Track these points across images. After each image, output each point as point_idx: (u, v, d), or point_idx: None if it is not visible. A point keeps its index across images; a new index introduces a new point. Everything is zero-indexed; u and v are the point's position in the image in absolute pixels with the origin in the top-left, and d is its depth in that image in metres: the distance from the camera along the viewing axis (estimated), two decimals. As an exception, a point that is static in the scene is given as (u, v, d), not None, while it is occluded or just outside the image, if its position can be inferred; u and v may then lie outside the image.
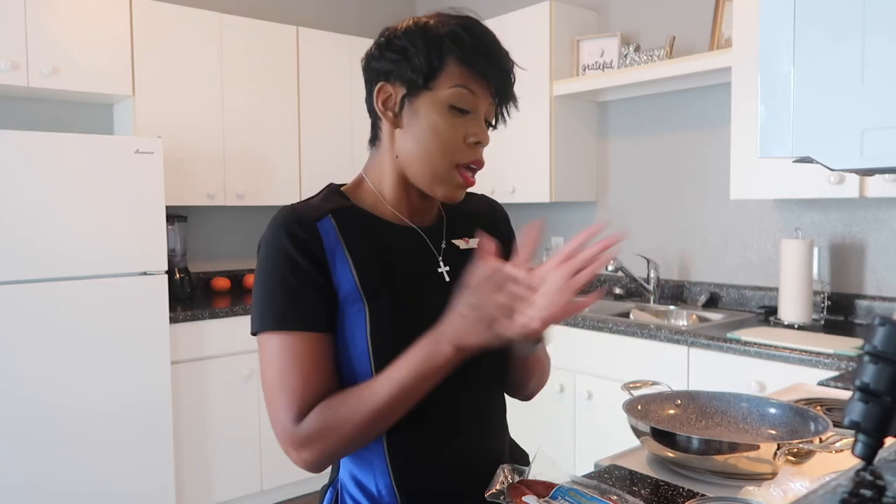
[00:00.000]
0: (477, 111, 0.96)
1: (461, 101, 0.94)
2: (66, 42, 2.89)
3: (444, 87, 0.94)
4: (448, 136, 0.95)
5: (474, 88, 0.95)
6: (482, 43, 0.95)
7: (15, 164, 2.52)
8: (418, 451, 0.99)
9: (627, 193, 3.27)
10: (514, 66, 1.00)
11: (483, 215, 1.14)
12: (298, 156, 3.56)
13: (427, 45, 0.94)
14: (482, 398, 1.06)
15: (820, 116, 0.63)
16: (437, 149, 0.95)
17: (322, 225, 0.95)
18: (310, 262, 0.93)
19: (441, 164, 0.96)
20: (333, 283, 0.94)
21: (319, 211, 0.97)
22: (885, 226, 2.46)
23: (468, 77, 0.94)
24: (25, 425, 2.54)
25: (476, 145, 0.97)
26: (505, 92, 0.98)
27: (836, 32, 0.61)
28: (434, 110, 0.95)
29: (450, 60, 0.94)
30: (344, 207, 0.99)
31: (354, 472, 1.00)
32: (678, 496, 1.01)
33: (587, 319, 2.68)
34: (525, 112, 3.25)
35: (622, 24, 3.22)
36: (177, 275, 3.27)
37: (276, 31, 3.46)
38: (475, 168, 0.99)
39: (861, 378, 0.62)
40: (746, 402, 1.22)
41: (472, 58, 0.94)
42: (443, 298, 0.97)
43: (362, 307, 0.94)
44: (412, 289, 0.99)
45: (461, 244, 1.06)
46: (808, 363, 2.02)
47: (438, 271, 1.02)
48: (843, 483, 0.58)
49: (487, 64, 0.95)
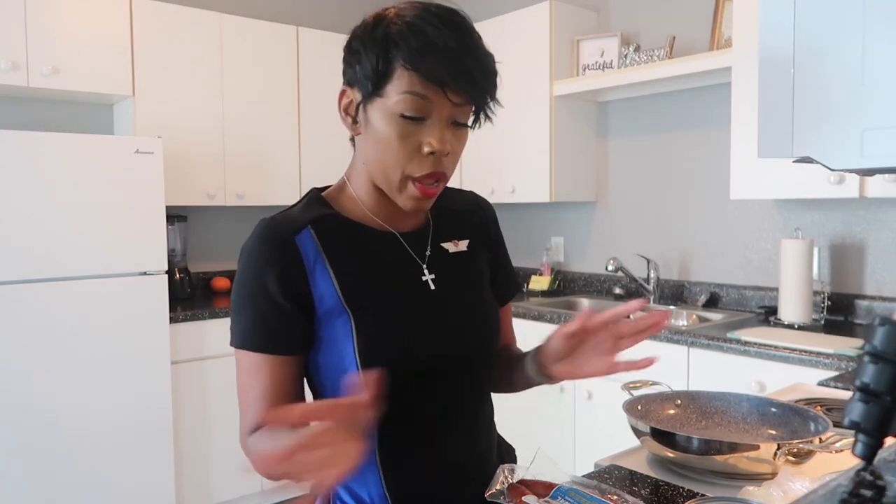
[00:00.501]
0: (433, 117, 0.87)
1: (411, 108, 0.86)
2: (66, 42, 2.88)
3: (393, 94, 0.86)
4: (398, 147, 0.87)
5: (426, 93, 0.85)
6: (431, 42, 0.84)
7: (15, 164, 2.52)
8: (410, 460, 0.98)
9: (627, 193, 3.27)
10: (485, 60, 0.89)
11: (472, 214, 1.10)
12: (298, 156, 3.56)
13: (375, 47, 0.87)
14: (472, 402, 1.05)
15: (820, 116, 0.63)
16: (389, 160, 0.89)
17: (301, 238, 0.92)
18: (283, 283, 0.90)
19: (393, 176, 0.90)
20: (314, 298, 0.92)
21: (299, 223, 0.94)
22: (885, 226, 2.46)
23: (417, 82, 0.85)
24: (25, 425, 2.54)
25: (430, 155, 0.88)
26: (472, 92, 0.87)
27: (836, 32, 0.61)
28: (384, 119, 0.88)
29: (397, 65, 0.86)
30: (324, 216, 0.96)
31: (347, 482, 0.98)
32: (678, 496, 1.01)
33: (587, 319, 2.67)
34: (525, 112, 3.25)
35: (622, 24, 3.22)
36: (177, 275, 3.27)
37: (276, 31, 3.46)
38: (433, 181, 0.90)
39: (861, 378, 0.62)
40: (746, 402, 1.22)
41: (417, 61, 0.84)
42: (429, 307, 0.97)
43: (348, 319, 0.92)
44: (397, 298, 0.96)
45: (450, 247, 1.03)
46: (808, 363, 2.02)
47: (423, 279, 0.98)
48: (843, 483, 0.58)
49: (438, 65, 0.84)
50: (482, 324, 1.04)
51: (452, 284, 1.01)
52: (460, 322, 1.00)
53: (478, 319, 1.03)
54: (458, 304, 1.01)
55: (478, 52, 0.88)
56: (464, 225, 1.08)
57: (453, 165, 0.92)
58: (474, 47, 0.88)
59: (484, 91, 0.89)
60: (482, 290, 1.07)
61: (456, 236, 1.05)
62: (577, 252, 3.51)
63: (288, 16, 3.78)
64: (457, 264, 1.03)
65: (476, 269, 1.07)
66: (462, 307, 1.02)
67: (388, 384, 0.94)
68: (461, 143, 0.93)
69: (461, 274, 1.03)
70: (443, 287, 1.00)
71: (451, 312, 1.00)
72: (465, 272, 1.04)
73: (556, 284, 3.47)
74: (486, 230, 1.11)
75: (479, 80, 0.87)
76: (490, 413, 1.09)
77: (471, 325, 1.02)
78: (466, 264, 1.05)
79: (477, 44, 0.89)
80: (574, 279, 3.50)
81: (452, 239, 1.04)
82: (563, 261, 3.56)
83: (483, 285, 1.07)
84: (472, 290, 1.05)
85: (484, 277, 1.08)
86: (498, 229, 1.15)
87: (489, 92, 0.90)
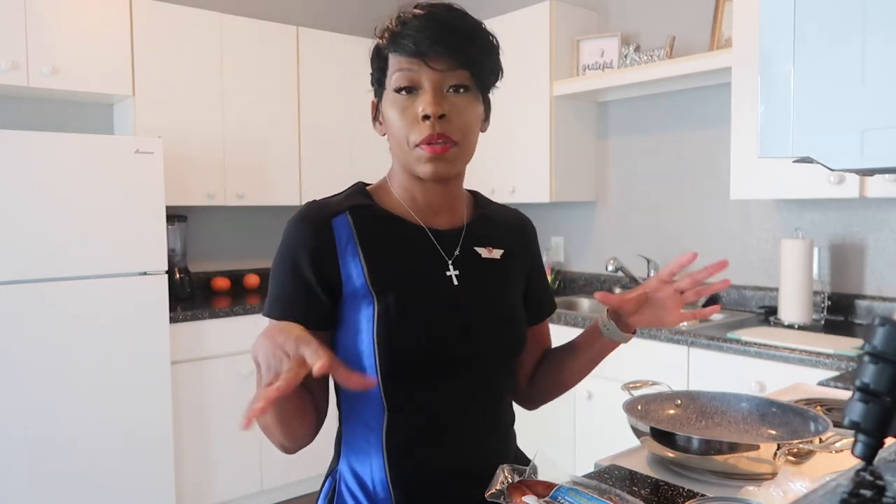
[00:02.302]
0: (424, 86, 0.95)
1: (400, 81, 0.96)
2: (66, 42, 2.88)
3: (390, 80, 0.97)
4: (400, 120, 0.96)
5: (410, 67, 0.95)
6: (408, 23, 0.95)
7: (15, 164, 2.52)
8: (415, 451, 0.99)
9: (627, 193, 3.27)
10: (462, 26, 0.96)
11: (514, 227, 1.14)
12: (298, 156, 3.56)
13: (374, 54, 1.01)
14: (485, 405, 1.05)
15: (820, 116, 0.63)
16: (398, 135, 0.97)
17: (337, 221, 0.99)
18: (315, 262, 0.97)
19: (406, 148, 0.97)
20: (342, 278, 0.97)
21: (338, 208, 1.00)
22: (885, 226, 2.46)
23: (402, 61, 0.96)
24: (25, 425, 2.54)
25: (425, 120, 0.94)
26: (453, 55, 0.94)
27: (836, 32, 0.61)
28: (388, 103, 0.98)
29: (388, 56, 0.98)
30: (363, 205, 1.02)
31: (353, 463, 1.01)
32: (678, 496, 1.01)
33: (587, 319, 2.68)
34: (525, 112, 3.25)
35: (622, 24, 3.22)
36: (177, 275, 3.27)
37: (276, 31, 3.46)
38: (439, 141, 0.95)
39: (861, 378, 0.62)
40: (746, 402, 1.22)
41: (399, 43, 0.95)
42: (450, 301, 1.00)
43: (371, 301, 0.96)
44: (420, 287, 0.99)
45: (483, 252, 1.06)
46: (808, 363, 2.02)
47: (447, 274, 1.01)
48: (843, 483, 0.58)
49: (413, 40, 0.94)
50: (505, 329, 1.05)
51: (478, 285, 1.03)
52: (481, 323, 1.02)
53: (500, 324, 1.04)
54: (481, 305, 1.03)
55: (454, 21, 0.95)
56: (502, 236, 1.10)
57: (459, 131, 0.96)
58: (450, 18, 0.96)
59: (464, 53, 0.95)
60: (509, 297, 1.08)
61: (491, 244, 1.08)
62: (577, 252, 3.51)
63: (288, 16, 3.78)
64: (486, 268, 1.06)
65: (506, 277, 1.08)
66: (485, 309, 1.03)
67: (402, 373, 0.97)
68: (464, 109, 0.97)
69: (489, 278, 1.05)
70: (467, 286, 1.02)
71: (473, 312, 1.01)
72: (493, 277, 1.06)
73: (557, 284, 3.47)
74: (526, 246, 1.15)
75: (456, 45, 0.94)
76: (507, 420, 1.10)
77: (492, 327, 1.03)
78: (496, 271, 1.07)
79: (454, 14, 0.96)
80: (574, 279, 3.50)
81: (487, 245, 1.07)
82: (563, 261, 3.56)
83: (511, 294, 1.08)
84: (497, 295, 1.06)
85: (514, 288, 1.09)
86: (538, 249, 1.19)
87: (473, 55, 0.96)
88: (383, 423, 0.98)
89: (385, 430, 0.98)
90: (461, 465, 1.02)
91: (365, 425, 1.00)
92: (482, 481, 0.98)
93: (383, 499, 0.98)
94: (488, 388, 1.04)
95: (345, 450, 1.03)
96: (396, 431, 0.98)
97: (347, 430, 1.03)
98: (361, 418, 1.00)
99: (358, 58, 3.77)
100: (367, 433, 1.00)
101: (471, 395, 1.02)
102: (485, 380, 1.03)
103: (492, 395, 1.05)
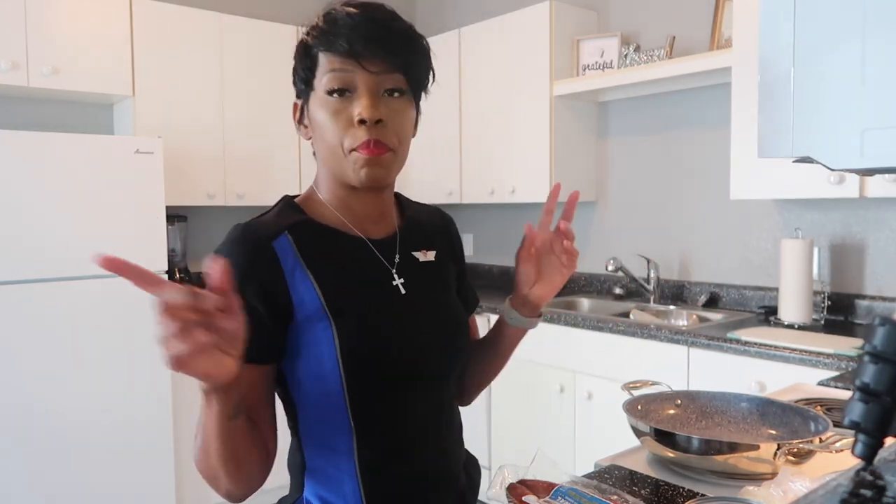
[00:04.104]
0: (358, 89, 0.90)
1: (333, 82, 0.91)
2: (66, 42, 2.88)
3: (319, 80, 0.92)
4: (333, 125, 0.91)
5: (344, 67, 0.90)
6: (339, 21, 0.91)
7: (15, 164, 2.52)
8: (389, 467, 0.97)
9: (627, 193, 3.27)
10: (397, 28, 0.92)
11: (438, 226, 1.13)
12: (298, 156, 3.55)
13: (301, 51, 0.96)
14: (448, 410, 1.06)
15: (820, 116, 0.63)
16: (330, 139, 0.92)
17: (279, 243, 0.92)
18: (260, 290, 0.89)
19: (338, 153, 0.92)
20: (293, 303, 0.91)
21: (276, 228, 0.94)
22: (885, 226, 2.46)
23: (334, 60, 0.91)
24: (25, 426, 2.54)
25: (361, 124, 0.90)
26: (388, 58, 0.90)
27: (836, 32, 0.61)
28: (318, 105, 0.93)
29: (318, 55, 0.93)
30: (299, 222, 0.96)
31: (320, 492, 0.97)
32: (678, 496, 1.01)
33: (587, 319, 2.68)
34: (525, 112, 3.25)
35: (622, 24, 3.22)
36: (177, 275, 3.27)
37: (276, 31, 3.46)
38: (373, 147, 0.91)
39: (861, 378, 0.62)
40: (746, 402, 1.22)
41: (330, 40, 0.91)
42: (402, 311, 0.99)
43: (328, 325, 0.91)
44: (374, 303, 0.96)
45: (420, 256, 1.05)
46: (808, 363, 2.02)
47: (393, 284, 0.99)
48: (843, 483, 0.58)
49: (347, 39, 0.89)
50: (455, 328, 1.06)
51: (422, 290, 1.02)
52: (434, 326, 1.01)
53: (451, 324, 1.05)
54: (429, 308, 1.02)
55: (389, 22, 0.92)
56: (431, 237, 1.10)
57: (395, 136, 0.93)
58: (384, 19, 0.92)
59: (400, 55, 0.91)
60: (451, 297, 1.09)
61: (424, 246, 1.07)
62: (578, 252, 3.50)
63: (288, 16, 3.78)
64: (426, 272, 1.05)
65: (444, 277, 1.09)
66: (434, 311, 1.03)
67: (368, 390, 0.94)
68: (400, 114, 0.93)
69: (430, 281, 1.05)
70: (413, 292, 1.01)
71: (423, 316, 1.01)
72: (434, 280, 1.06)
73: (556, 284, 3.46)
74: (452, 244, 1.15)
75: (392, 47, 0.91)
76: (461, 421, 1.11)
77: (444, 329, 1.03)
78: (435, 273, 1.07)
79: (387, 15, 0.93)
80: (574, 279, 3.49)
81: (421, 248, 1.06)
82: (563, 261, 3.55)
83: (451, 293, 1.10)
84: (442, 297, 1.06)
85: (451, 287, 1.11)
86: (461, 243, 1.18)
87: (407, 56, 0.92)
88: (353, 445, 0.94)
89: (356, 452, 0.95)
90: (432, 470, 1.01)
91: (332, 450, 0.95)
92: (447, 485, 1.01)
93: None
94: (447, 391, 1.04)
95: (309, 480, 0.98)
96: (368, 450, 0.95)
97: (310, 457, 0.98)
98: (327, 444, 0.96)
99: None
100: (337, 459, 0.95)
101: (434, 403, 1.01)
102: (444, 384, 1.03)
103: (450, 398, 1.06)
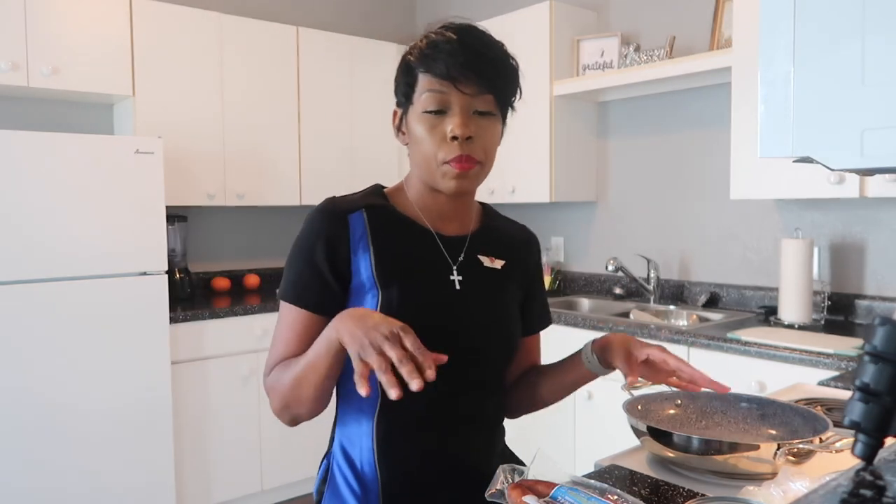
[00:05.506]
0: (452, 108, 1.02)
1: (430, 103, 1.03)
2: (66, 42, 2.88)
3: (418, 98, 1.04)
4: (429, 139, 1.03)
5: (441, 89, 1.02)
6: (438, 45, 1.02)
7: (15, 164, 2.52)
8: (402, 437, 1.06)
9: (627, 193, 3.27)
10: (491, 54, 1.04)
11: (518, 241, 1.21)
12: (298, 156, 3.55)
13: (403, 68, 1.07)
14: (474, 398, 1.11)
15: (820, 116, 0.63)
16: (426, 152, 1.04)
17: (354, 217, 1.07)
18: (329, 251, 1.04)
19: (432, 164, 1.04)
20: (352, 269, 1.05)
21: (355, 205, 1.08)
22: (885, 226, 2.46)
23: (433, 81, 1.02)
24: (26, 425, 2.54)
25: (454, 140, 1.02)
26: (481, 82, 1.02)
27: (836, 32, 0.61)
28: (415, 120, 1.05)
29: (418, 75, 1.04)
30: (378, 205, 1.10)
31: (344, 444, 1.09)
32: (678, 496, 1.01)
33: (587, 319, 2.68)
34: (525, 112, 3.24)
35: (622, 24, 3.22)
36: (177, 275, 3.27)
37: (276, 31, 3.46)
38: (463, 162, 1.03)
39: (861, 378, 0.62)
40: (746, 402, 1.22)
41: (430, 64, 1.02)
42: (451, 304, 1.07)
43: (376, 294, 1.03)
44: (423, 285, 1.07)
45: (485, 261, 1.13)
46: (808, 363, 2.02)
47: (450, 279, 1.09)
48: (843, 483, 0.58)
49: (445, 64, 1.01)
50: (501, 332, 1.12)
51: (477, 290, 1.10)
52: (476, 322, 1.09)
53: (497, 326, 1.11)
54: (480, 308, 1.10)
55: (482, 48, 1.03)
56: (506, 247, 1.17)
57: (483, 152, 1.05)
58: (479, 44, 1.03)
59: (491, 80, 1.02)
60: (507, 304, 1.14)
61: (493, 254, 1.15)
62: (578, 252, 3.50)
63: (288, 16, 3.78)
64: (487, 277, 1.12)
65: (505, 286, 1.15)
66: (481, 311, 1.10)
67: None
68: (488, 131, 1.05)
69: (489, 285, 1.12)
70: (468, 291, 1.09)
71: (470, 313, 1.08)
72: (493, 285, 1.13)
73: (557, 284, 3.47)
74: (528, 260, 1.21)
75: (484, 71, 1.02)
76: (492, 415, 1.16)
77: (485, 328, 1.10)
78: (497, 280, 1.14)
79: (482, 40, 1.04)
80: (574, 279, 3.50)
81: (489, 255, 1.14)
82: (563, 261, 3.56)
83: (508, 302, 1.15)
84: (496, 301, 1.13)
85: (511, 297, 1.16)
86: (540, 264, 1.26)
87: (497, 81, 1.04)
88: (375, 410, 1.05)
89: (376, 416, 1.05)
90: (449, 457, 1.08)
91: (358, 409, 1.07)
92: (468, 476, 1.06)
93: (371, 479, 1.05)
94: (477, 384, 1.10)
95: (338, 431, 1.11)
96: (387, 418, 1.05)
97: (342, 411, 1.11)
98: (356, 402, 1.07)
99: (358, 58, 3.77)
100: (360, 416, 1.07)
101: (459, 389, 1.08)
102: (475, 377, 1.09)
103: (480, 391, 1.11)
